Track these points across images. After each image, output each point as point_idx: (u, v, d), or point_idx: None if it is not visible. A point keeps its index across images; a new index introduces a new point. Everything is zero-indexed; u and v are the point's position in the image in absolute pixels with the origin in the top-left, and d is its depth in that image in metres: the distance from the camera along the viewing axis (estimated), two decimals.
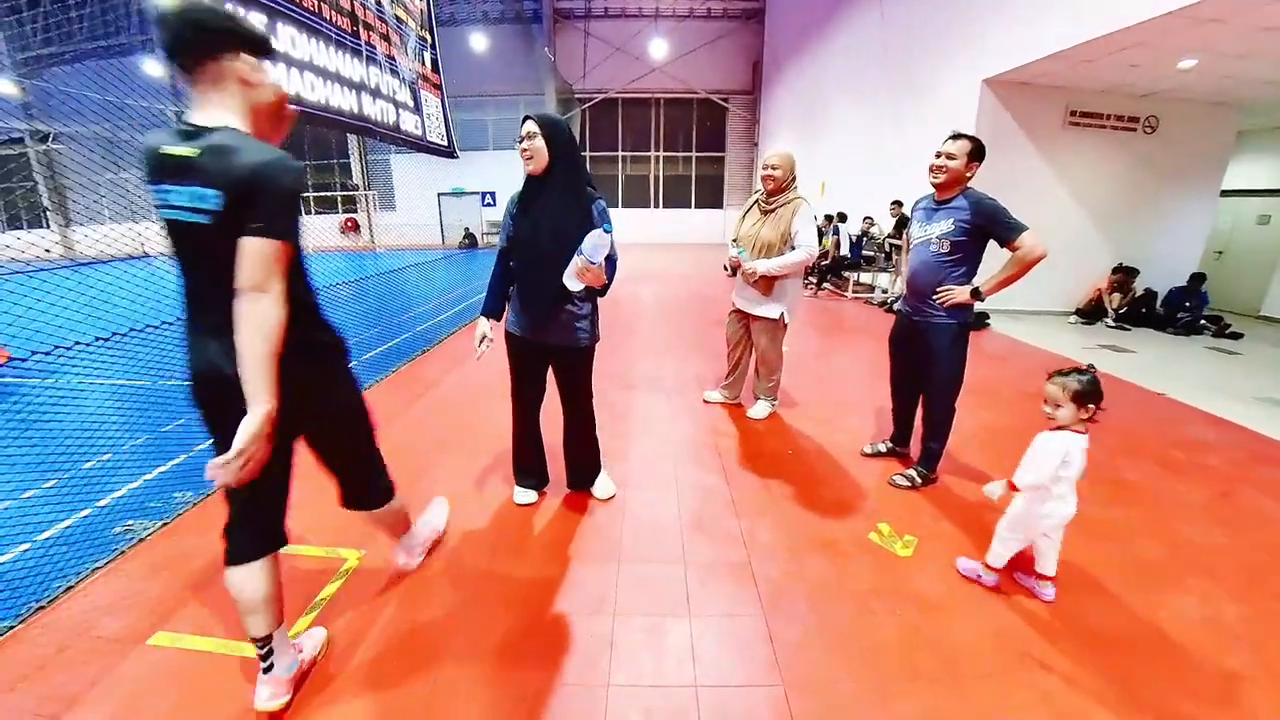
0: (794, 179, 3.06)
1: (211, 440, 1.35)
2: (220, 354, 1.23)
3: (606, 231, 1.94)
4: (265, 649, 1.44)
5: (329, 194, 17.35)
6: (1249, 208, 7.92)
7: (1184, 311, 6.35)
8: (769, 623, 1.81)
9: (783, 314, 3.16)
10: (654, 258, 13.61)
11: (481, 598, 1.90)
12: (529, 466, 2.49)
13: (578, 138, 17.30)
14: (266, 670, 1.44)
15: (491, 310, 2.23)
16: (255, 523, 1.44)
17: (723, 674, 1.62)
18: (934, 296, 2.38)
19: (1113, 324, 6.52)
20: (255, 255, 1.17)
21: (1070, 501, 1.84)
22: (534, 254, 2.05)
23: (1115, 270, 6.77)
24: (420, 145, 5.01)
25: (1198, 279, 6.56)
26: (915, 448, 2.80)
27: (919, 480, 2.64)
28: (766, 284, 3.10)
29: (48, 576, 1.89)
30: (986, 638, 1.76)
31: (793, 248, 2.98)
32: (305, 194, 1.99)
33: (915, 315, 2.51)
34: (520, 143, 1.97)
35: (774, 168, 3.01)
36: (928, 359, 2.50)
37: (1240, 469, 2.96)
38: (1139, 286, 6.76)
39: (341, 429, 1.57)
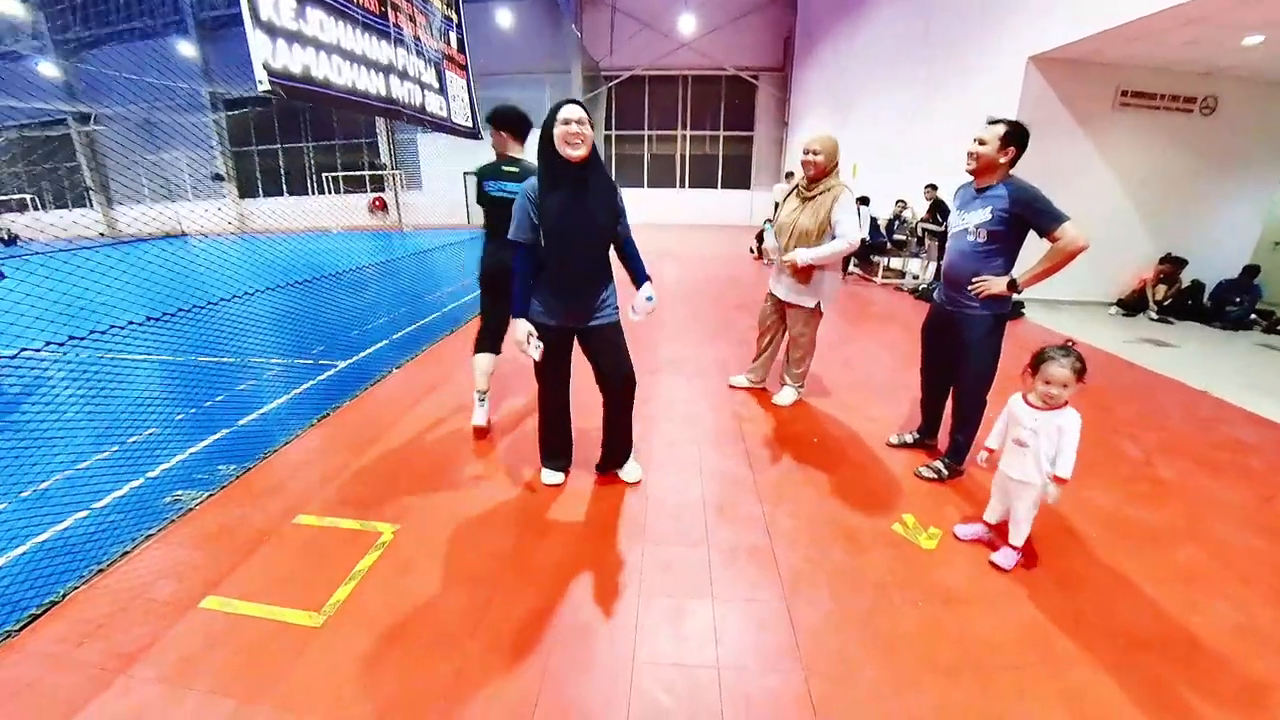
0: (837, 165, 2.95)
1: (486, 307, 2.90)
2: (509, 258, 2.27)
3: (650, 300, 2.28)
4: (483, 394, 2.97)
5: (358, 173, 17.52)
6: None
7: (1234, 305, 6.06)
8: (790, 608, 1.83)
9: (818, 303, 3.13)
10: (679, 239, 13.49)
11: (508, 576, 1.96)
12: (557, 449, 2.53)
13: (603, 116, 17.17)
14: (480, 404, 2.98)
15: (526, 311, 2.16)
16: (490, 339, 2.95)
17: (744, 656, 1.65)
18: (969, 287, 2.32)
19: (1155, 317, 6.27)
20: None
21: None
22: (574, 240, 2.05)
23: (1163, 260, 6.46)
24: (444, 126, 5.01)
25: (1251, 271, 6.24)
26: (943, 439, 2.77)
27: (945, 473, 2.61)
28: (805, 273, 3.04)
29: (105, 542, 2.01)
30: (1010, 632, 1.75)
31: (832, 237, 2.91)
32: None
33: (950, 305, 2.46)
34: (567, 126, 1.92)
35: (816, 152, 2.89)
36: (960, 351, 2.46)
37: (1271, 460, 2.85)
38: (1185, 277, 6.46)
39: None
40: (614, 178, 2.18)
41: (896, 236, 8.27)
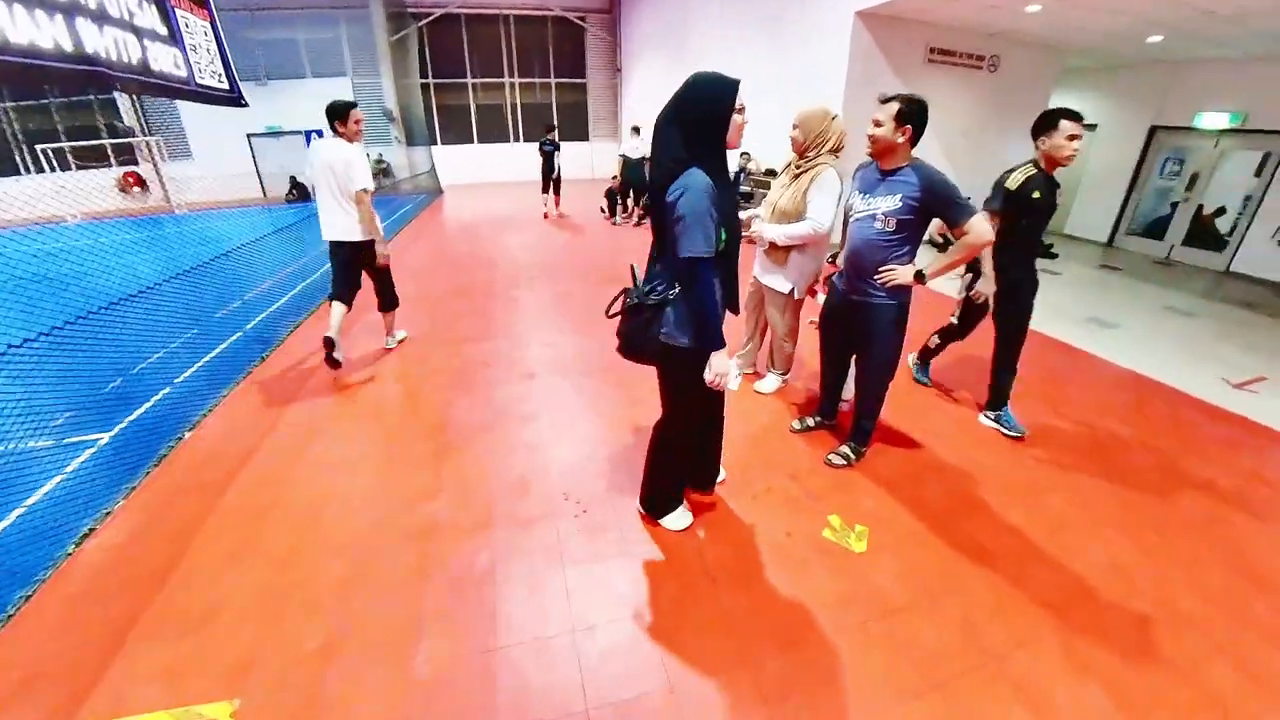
0: (823, 140, 2.64)
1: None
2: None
3: None
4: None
5: (94, 142, 13.07)
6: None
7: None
8: (745, 651, 1.68)
9: (793, 289, 2.90)
10: (517, 199, 12.59)
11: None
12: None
13: (416, 62, 15.01)
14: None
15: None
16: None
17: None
18: (876, 276, 2.24)
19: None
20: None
21: None
22: (735, 237, 1.79)
23: None
24: (186, 91, 3.71)
25: None
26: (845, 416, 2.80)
27: (854, 457, 2.63)
28: (781, 253, 2.82)
29: None
30: (951, 633, 1.80)
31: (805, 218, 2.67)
32: None
33: (854, 294, 2.36)
34: (742, 115, 1.71)
35: (795, 127, 2.64)
36: (865, 340, 2.42)
37: (1097, 397, 3.40)
38: None
39: None
40: (436, 132, 1.70)
41: (743, 188, 8.47)
